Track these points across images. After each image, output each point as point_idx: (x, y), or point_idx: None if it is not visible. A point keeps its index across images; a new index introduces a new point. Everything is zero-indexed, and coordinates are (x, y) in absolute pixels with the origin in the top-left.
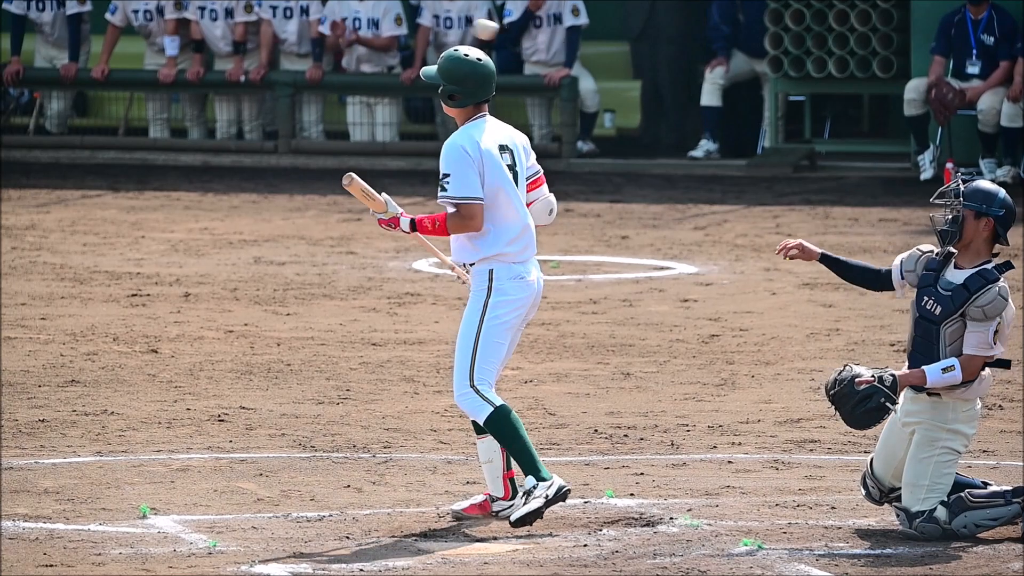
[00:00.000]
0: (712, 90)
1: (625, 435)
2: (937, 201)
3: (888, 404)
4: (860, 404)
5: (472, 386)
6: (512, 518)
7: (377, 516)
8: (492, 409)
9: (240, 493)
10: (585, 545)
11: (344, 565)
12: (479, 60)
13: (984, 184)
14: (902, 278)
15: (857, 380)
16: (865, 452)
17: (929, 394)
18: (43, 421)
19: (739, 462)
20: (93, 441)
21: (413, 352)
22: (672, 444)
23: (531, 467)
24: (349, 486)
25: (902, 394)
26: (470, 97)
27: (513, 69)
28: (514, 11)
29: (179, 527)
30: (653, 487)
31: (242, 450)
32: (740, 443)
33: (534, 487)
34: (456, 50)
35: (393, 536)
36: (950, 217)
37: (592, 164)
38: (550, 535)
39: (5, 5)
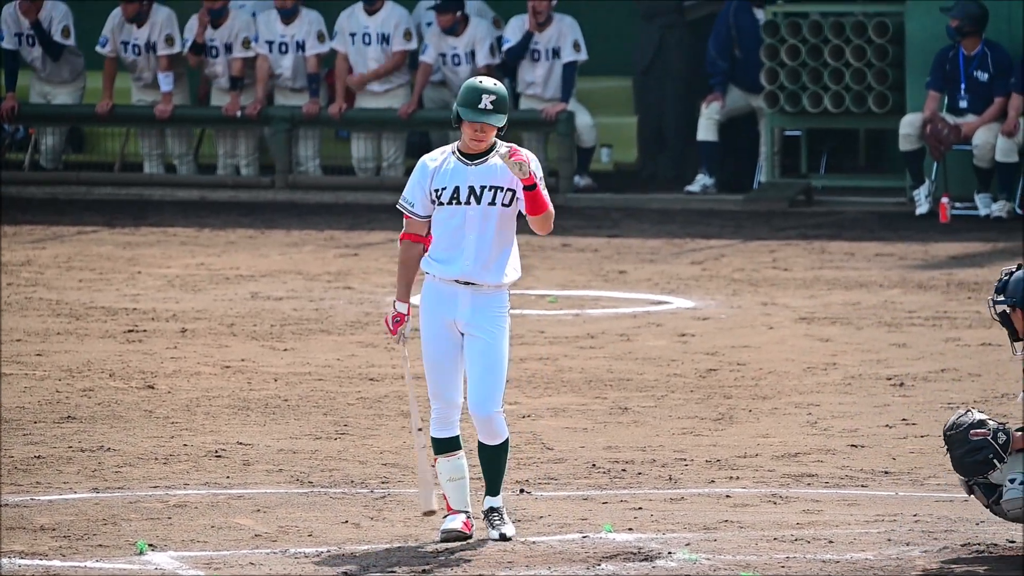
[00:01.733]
0: (708, 125)
1: (623, 469)
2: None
3: (996, 461)
4: (969, 454)
5: (502, 408)
6: (508, 533)
7: (375, 552)
8: (506, 435)
9: (237, 529)
10: None
11: None
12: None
13: (1017, 275)
14: None
15: (973, 432)
16: (863, 486)
17: None
18: (39, 457)
19: (737, 496)
20: (89, 477)
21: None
22: (670, 478)
23: (497, 488)
24: (347, 521)
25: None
26: None
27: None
28: (512, 38)
29: (176, 563)
30: (651, 521)
31: (239, 486)
32: (738, 477)
33: (497, 509)
34: (496, 83)
35: (391, 571)
36: (997, 316)
37: (590, 199)
38: (549, 569)
39: None
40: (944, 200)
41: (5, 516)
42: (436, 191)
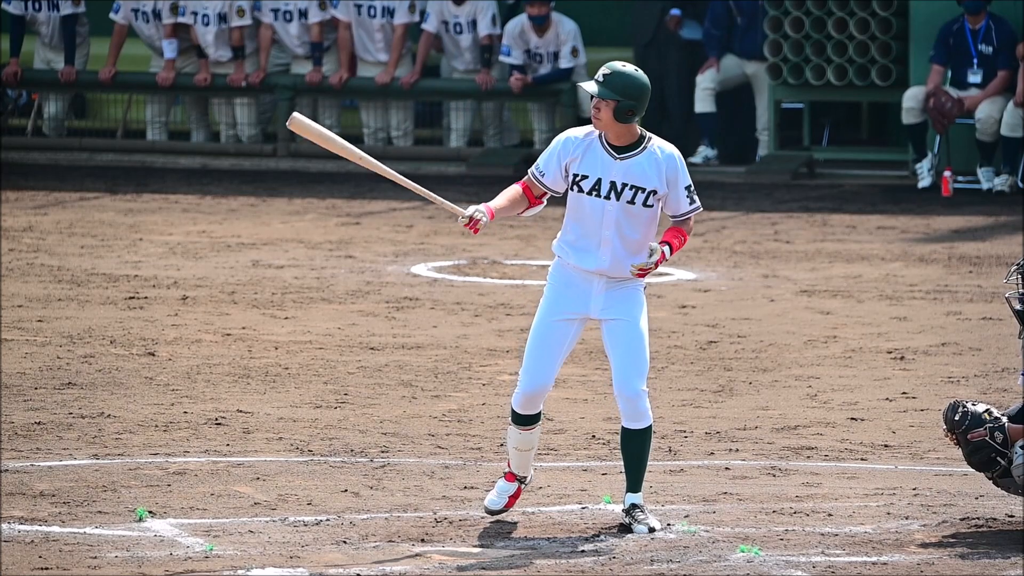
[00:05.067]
0: (704, 96)
1: None
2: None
3: (1000, 460)
4: (973, 454)
5: (646, 388)
6: (656, 526)
7: (374, 520)
8: (651, 420)
9: (237, 497)
10: (583, 551)
11: (341, 569)
12: (645, 76)
13: None
14: None
15: (972, 434)
16: (862, 460)
17: None
18: (39, 423)
19: (736, 468)
20: (89, 444)
21: (411, 356)
22: (670, 450)
23: (640, 484)
24: (346, 490)
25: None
26: (642, 113)
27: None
28: (509, 45)
29: (176, 530)
30: (651, 493)
31: (239, 454)
32: (737, 450)
33: (640, 506)
34: (624, 65)
35: (390, 540)
36: (1017, 306)
37: None
38: (548, 540)
39: (4, 6)
40: (946, 174)
41: (5, 482)
42: (577, 176)
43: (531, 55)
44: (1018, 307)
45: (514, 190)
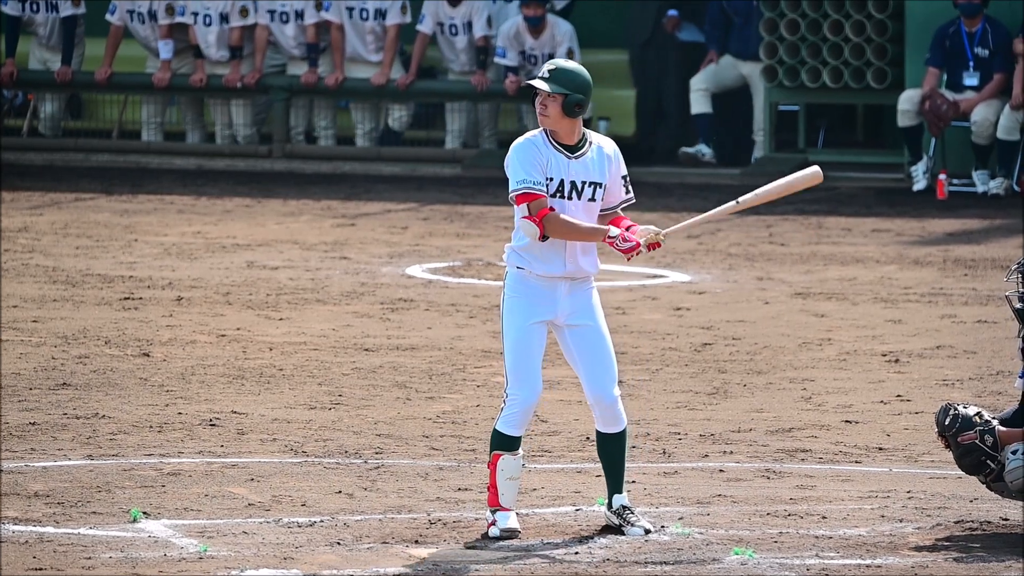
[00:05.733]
0: (699, 98)
1: None
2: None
3: (990, 463)
4: (963, 456)
5: (619, 391)
6: (650, 527)
7: (368, 522)
8: (626, 421)
9: (231, 498)
10: (576, 553)
11: (335, 571)
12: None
13: None
14: None
15: (962, 436)
16: (856, 462)
17: None
18: (34, 424)
19: (730, 471)
20: (84, 444)
21: (406, 358)
22: (664, 452)
23: (622, 484)
24: (340, 492)
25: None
26: (587, 108)
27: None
28: (504, 46)
29: (170, 531)
30: (644, 495)
31: (233, 455)
32: (732, 452)
33: (629, 507)
34: (567, 62)
35: (384, 542)
36: (1017, 305)
37: None
38: (541, 542)
39: (2, 7)
40: (942, 176)
41: (0, 482)
42: (548, 179)
43: (526, 56)
44: (1018, 306)
45: (569, 226)
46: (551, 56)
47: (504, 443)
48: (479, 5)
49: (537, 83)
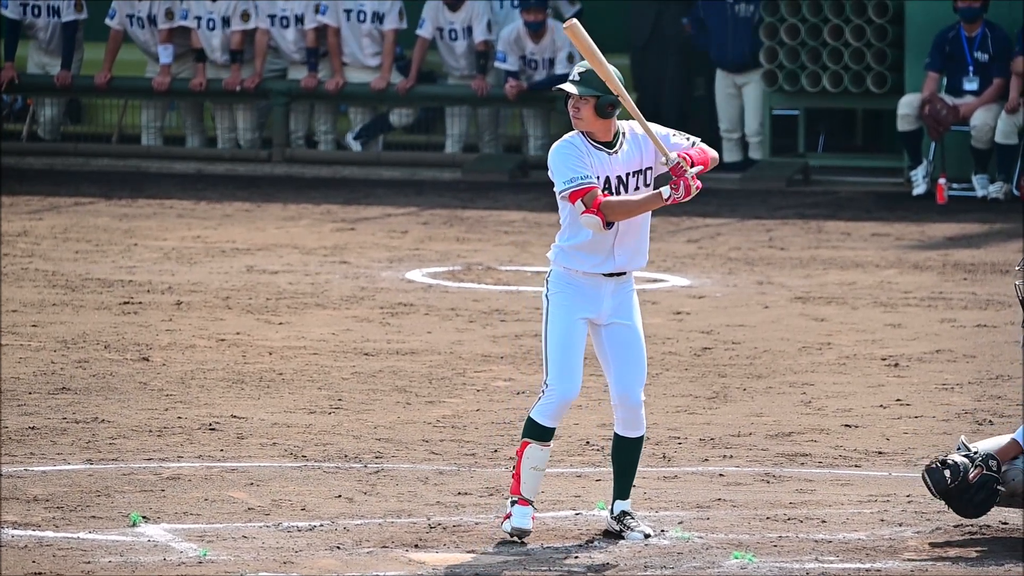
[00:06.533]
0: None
1: None
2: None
3: (1000, 488)
4: (978, 493)
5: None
6: (650, 532)
7: (368, 526)
8: (645, 428)
9: (231, 502)
10: (576, 557)
11: (334, 575)
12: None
13: None
14: None
15: (971, 475)
16: (856, 466)
17: None
18: (33, 428)
19: (730, 475)
20: (83, 449)
21: (405, 362)
22: (664, 456)
23: (629, 491)
24: (340, 496)
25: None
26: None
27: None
28: (504, 51)
29: (169, 536)
30: (644, 499)
31: (233, 459)
32: (731, 456)
33: (630, 513)
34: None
35: (384, 546)
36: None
37: None
38: (541, 547)
39: (2, 11)
40: (941, 181)
41: None
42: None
43: (527, 61)
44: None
45: (627, 205)
46: (551, 61)
47: (535, 432)
48: (479, 9)
49: (568, 87)
